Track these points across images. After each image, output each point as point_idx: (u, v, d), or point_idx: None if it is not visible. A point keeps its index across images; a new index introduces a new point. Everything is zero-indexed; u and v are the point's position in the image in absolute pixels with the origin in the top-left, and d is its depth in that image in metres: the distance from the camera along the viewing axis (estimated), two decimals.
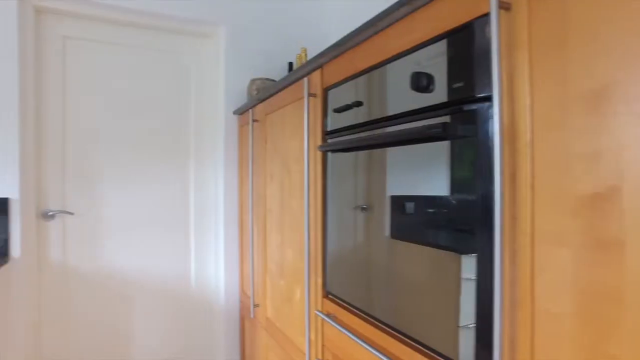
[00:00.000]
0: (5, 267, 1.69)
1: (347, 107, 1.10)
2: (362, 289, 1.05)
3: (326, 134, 1.22)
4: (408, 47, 0.87)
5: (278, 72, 2.31)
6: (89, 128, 1.98)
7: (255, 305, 1.84)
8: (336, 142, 1.08)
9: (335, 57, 1.17)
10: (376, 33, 0.98)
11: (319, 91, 1.24)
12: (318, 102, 1.24)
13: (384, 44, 0.95)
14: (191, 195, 2.19)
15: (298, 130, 1.39)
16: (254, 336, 1.92)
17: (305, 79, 1.27)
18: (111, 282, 2.02)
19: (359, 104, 1.06)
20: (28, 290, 1.82)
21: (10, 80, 1.74)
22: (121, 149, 2.04)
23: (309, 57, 2.32)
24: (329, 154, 1.20)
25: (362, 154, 1.05)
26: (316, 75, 1.26)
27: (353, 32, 1.01)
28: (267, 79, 2.09)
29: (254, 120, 1.85)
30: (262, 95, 1.71)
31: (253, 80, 2.09)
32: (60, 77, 1.94)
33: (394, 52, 0.91)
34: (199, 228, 2.21)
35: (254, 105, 1.87)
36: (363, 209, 1.06)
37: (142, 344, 2.08)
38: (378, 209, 1.00)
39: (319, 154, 1.24)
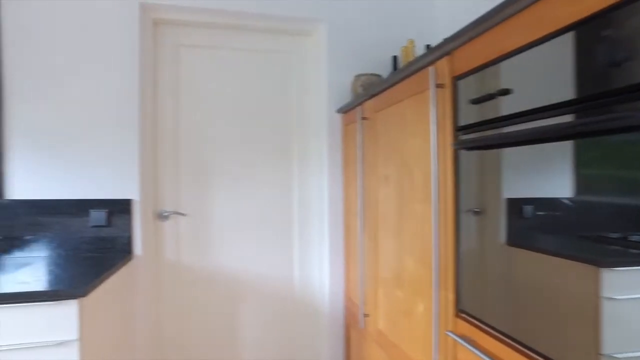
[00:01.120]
0: (130, 263, 1.79)
1: (488, 97, 0.94)
2: (502, 306, 0.89)
3: (458, 129, 1.06)
4: (583, 15, 0.69)
5: (382, 67, 2.18)
6: (199, 132, 2.04)
7: (365, 315, 1.73)
8: (480, 137, 0.92)
9: (470, 40, 1.01)
10: (535, 2, 0.80)
11: (447, 81, 1.09)
12: (447, 93, 1.09)
13: (545, 13, 0.77)
14: (294, 197, 2.15)
15: (420, 127, 1.25)
16: (362, 347, 1.81)
17: (431, 69, 1.13)
18: (219, 280, 2.05)
19: (505, 92, 0.89)
20: (149, 284, 1.92)
21: (132, 89, 1.84)
22: (229, 152, 2.07)
23: (417, 48, 2.16)
24: (462, 152, 1.04)
25: (474, 153, 0.90)
26: (444, 63, 1.11)
27: (501, 4, 0.85)
28: (373, 74, 1.97)
29: (362, 118, 1.74)
30: (372, 90, 1.60)
31: (358, 77, 1.98)
32: (174, 83, 2.01)
33: (561, 24, 0.73)
34: (303, 230, 2.16)
35: (362, 102, 1.76)
36: (476, 212, 0.94)
37: (248, 339, 2.09)
38: (492, 213, 0.87)
39: (448, 152, 1.09)
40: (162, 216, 2.00)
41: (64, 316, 1.25)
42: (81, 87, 1.80)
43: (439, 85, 1.11)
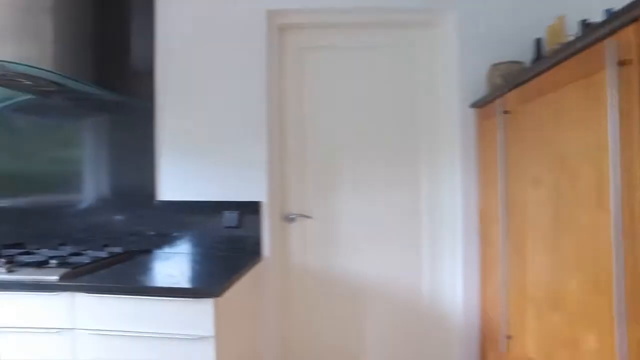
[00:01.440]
0: (259, 264, 1.83)
1: None
2: None
3: None
4: None
5: (521, 53, 1.91)
6: (324, 134, 2.02)
7: (508, 337, 1.51)
8: None
9: None
10: None
11: (635, 55, 0.86)
12: (634, 71, 0.86)
13: None
14: (423, 201, 2.00)
15: (590, 117, 1.02)
16: None
17: (609, 42, 0.90)
18: (344, 285, 2.00)
19: None
20: (275, 286, 1.95)
21: (260, 95, 1.90)
22: (354, 153, 2.01)
23: (570, 25, 1.84)
24: None
25: None
26: (629, 33, 0.87)
27: None
28: (513, 62, 1.73)
29: (504, 112, 1.52)
30: (516, 80, 1.38)
31: (495, 66, 1.76)
32: (299, 86, 2.03)
33: None
34: (433, 237, 2.00)
35: (502, 94, 1.54)
36: None
37: (371, 350, 2.00)
38: None
39: (636, 146, 0.85)
40: (288, 218, 2.03)
41: (201, 312, 1.30)
42: (216, 97, 1.92)
43: (622, 63, 0.88)
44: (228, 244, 1.89)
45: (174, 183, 1.94)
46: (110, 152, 1.98)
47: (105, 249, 1.81)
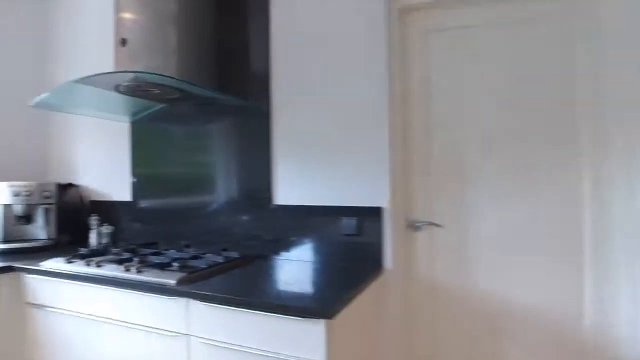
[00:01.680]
0: (380, 277, 1.62)
1: None
2: None
3: None
4: None
5: None
6: (455, 128, 1.71)
7: None
8: None
9: None
10: None
11: None
12: None
13: None
14: (585, 208, 1.56)
15: None
16: None
17: None
18: (480, 307, 1.67)
19: None
20: (399, 302, 1.72)
21: (380, 88, 1.68)
22: (493, 151, 1.66)
23: None
24: None
25: None
26: None
27: None
28: None
29: None
30: None
31: None
32: (424, 75, 1.76)
33: None
34: (598, 254, 1.54)
35: None
36: None
37: None
38: None
39: None
40: (414, 227, 1.77)
41: (313, 334, 1.14)
42: (333, 95, 1.76)
43: None
44: (346, 253, 1.71)
45: (290, 187, 1.84)
46: (230, 156, 1.97)
47: (223, 253, 1.79)
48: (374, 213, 1.67)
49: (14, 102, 2.40)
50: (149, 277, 1.45)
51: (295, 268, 1.64)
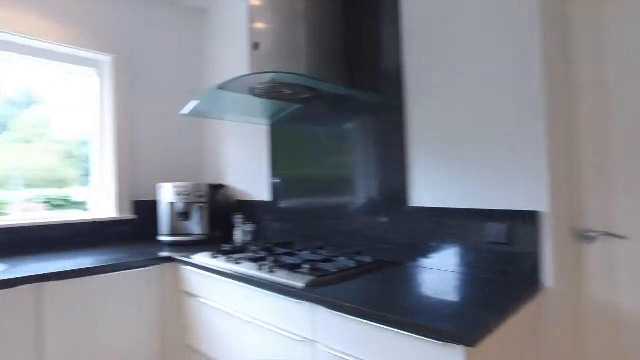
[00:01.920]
0: (537, 299, 1.32)
1: None
2: None
3: None
4: None
5: None
6: None
7: None
8: None
9: None
10: None
11: None
12: None
13: None
14: None
15: None
16: None
17: None
18: None
19: None
20: (563, 328, 1.39)
21: (532, 68, 1.38)
22: None
23: None
24: None
25: None
26: None
27: None
28: None
29: None
30: None
31: None
32: (595, 42, 1.39)
33: None
34: None
35: None
36: None
37: None
38: None
39: None
40: (584, 237, 1.42)
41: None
42: (474, 83, 1.52)
43: None
44: (493, 264, 1.46)
45: (427, 187, 1.66)
46: (363, 155, 1.88)
47: (356, 257, 1.70)
48: (529, 218, 1.38)
49: (178, 113, 2.72)
50: (278, 277, 1.44)
51: (431, 278, 1.46)
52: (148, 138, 2.63)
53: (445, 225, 1.59)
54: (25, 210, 2.30)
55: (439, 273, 1.53)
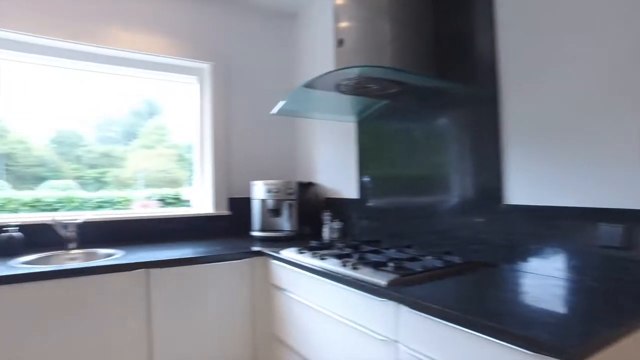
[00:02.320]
0: None
1: None
2: None
3: None
4: None
5: None
6: None
7: None
8: None
9: None
10: None
11: None
12: None
13: None
14: None
15: None
16: None
17: None
18: None
19: None
20: None
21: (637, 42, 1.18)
22: None
23: None
24: None
25: None
26: None
27: None
28: None
29: None
30: None
31: None
32: None
33: None
34: None
35: None
36: None
37: None
38: None
39: None
40: None
41: None
42: (576, 63, 1.34)
43: None
44: (605, 271, 1.27)
45: (526, 183, 1.51)
46: (453, 150, 1.78)
47: (444, 257, 1.61)
48: None
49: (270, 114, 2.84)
50: (362, 274, 1.42)
51: (529, 283, 1.32)
52: (243, 138, 2.78)
53: (546, 225, 1.43)
54: (144, 207, 2.59)
55: (539, 278, 1.37)
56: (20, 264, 1.73)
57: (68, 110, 2.46)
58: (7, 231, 1.94)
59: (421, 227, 1.93)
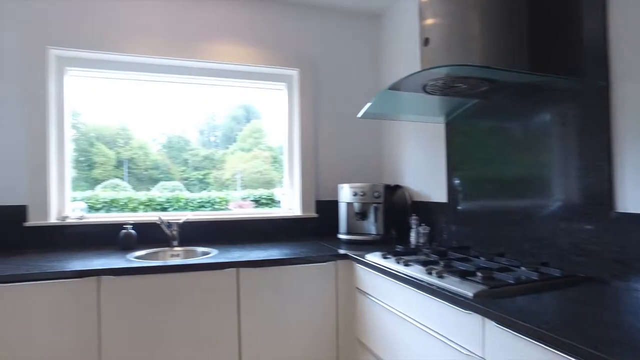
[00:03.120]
0: None
1: None
2: None
3: None
4: None
5: None
6: None
7: None
8: None
9: None
10: None
11: None
12: None
13: None
14: None
15: None
16: None
17: None
18: None
19: None
20: None
21: None
22: None
23: None
24: None
25: None
26: None
27: None
28: None
29: None
30: None
31: None
32: None
33: None
34: None
35: None
36: None
37: None
38: None
39: None
40: None
41: None
42: None
43: None
44: None
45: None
46: (553, 149, 1.61)
47: (541, 269, 1.47)
48: None
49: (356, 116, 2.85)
50: (447, 283, 1.36)
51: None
52: (330, 141, 2.83)
53: None
54: (239, 207, 2.78)
55: None
56: (134, 258, 1.97)
57: (177, 118, 2.75)
58: (126, 228, 2.21)
59: (515, 234, 1.78)
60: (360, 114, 2.05)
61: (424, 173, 2.47)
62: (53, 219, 2.28)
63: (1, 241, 2.16)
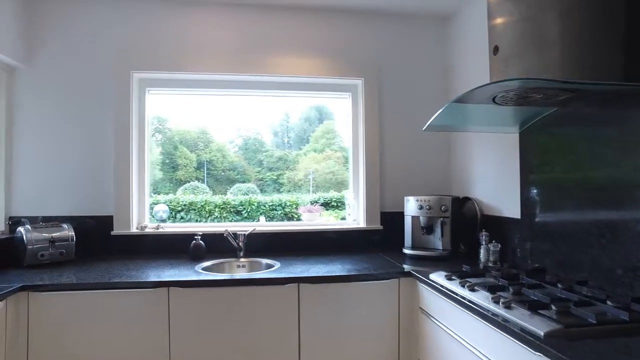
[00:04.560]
0: None
1: None
2: None
3: None
4: None
5: None
6: None
7: None
8: None
9: None
10: None
11: None
12: None
13: None
14: None
15: None
16: None
17: None
18: None
19: None
20: None
21: None
22: None
23: None
24: None
25: None
26: None
27: None
28: None
29: None
30: None
31: None
32: None
33: None
34: None
35: None
36: None
37: None
38: None
39: None
40: None
41: None
42: None
43: None
44: None
45: None
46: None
47: (633, 305, 1.27)
48: None
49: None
50: (514, 317, 1.25)
51: None
52: (395, 151, 2.76)
53: None
54: (309, 211, 2.82)
55: None
56: (201, 269, 2.07)
57: (252, 121, 2.94)
58: (196, 239, 2.34)
59: (602, 257, 1.59)
60: (425, 127, 1.97)
61: (495, 185, 2.31)
62: (134, 229, 2.48)
63: (93, 248, 2.39)
